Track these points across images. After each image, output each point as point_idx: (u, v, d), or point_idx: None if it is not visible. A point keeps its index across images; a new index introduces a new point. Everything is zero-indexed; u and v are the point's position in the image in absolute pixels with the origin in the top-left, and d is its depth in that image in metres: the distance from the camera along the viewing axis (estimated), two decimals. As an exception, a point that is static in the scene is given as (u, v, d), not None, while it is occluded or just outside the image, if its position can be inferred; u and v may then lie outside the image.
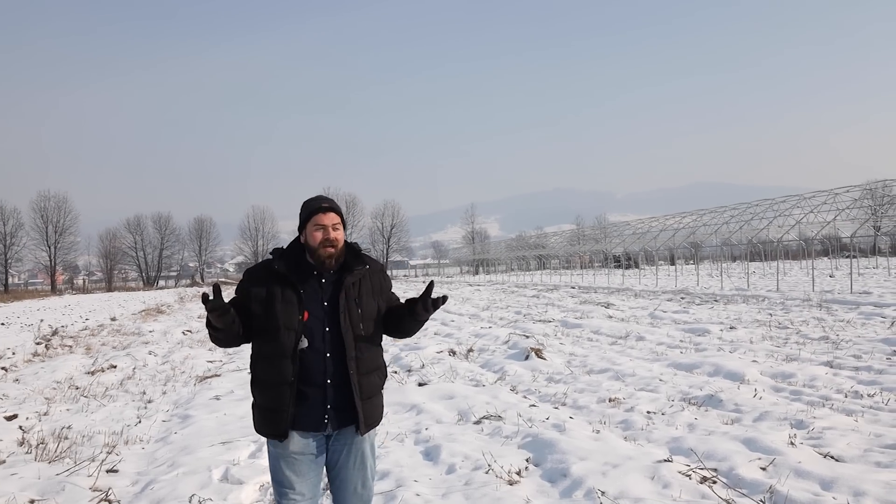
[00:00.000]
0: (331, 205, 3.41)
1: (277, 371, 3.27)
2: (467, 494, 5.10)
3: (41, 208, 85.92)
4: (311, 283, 3.37)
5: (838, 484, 4.89)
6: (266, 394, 3.33)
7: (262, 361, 3.36)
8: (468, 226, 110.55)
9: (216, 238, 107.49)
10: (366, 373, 3.37)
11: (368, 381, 3.38)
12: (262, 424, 3.37)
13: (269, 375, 3.31)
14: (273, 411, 3.29)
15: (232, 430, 7.17)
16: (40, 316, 30.55)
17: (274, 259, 3.43)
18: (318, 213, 3.37)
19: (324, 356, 3.29)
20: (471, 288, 44.44)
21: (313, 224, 3.36)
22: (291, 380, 3.24)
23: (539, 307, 23.15)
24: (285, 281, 3.34)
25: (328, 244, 3.33)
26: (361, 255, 3.49)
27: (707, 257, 69.40)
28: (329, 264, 3.35)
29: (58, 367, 12.38)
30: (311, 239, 3.37)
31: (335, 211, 3.41)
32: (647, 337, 13.60)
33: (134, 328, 21.19)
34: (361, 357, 3.35)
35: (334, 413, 3.31)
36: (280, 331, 3.26)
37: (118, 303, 43.43)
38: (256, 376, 3.41)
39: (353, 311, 3.35)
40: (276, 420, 3.28)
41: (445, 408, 7.99)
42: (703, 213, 39.36)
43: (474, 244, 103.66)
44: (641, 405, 7.74)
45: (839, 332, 13.08)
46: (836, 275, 36.08)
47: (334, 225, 3.37)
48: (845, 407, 7.24)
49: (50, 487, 5.50)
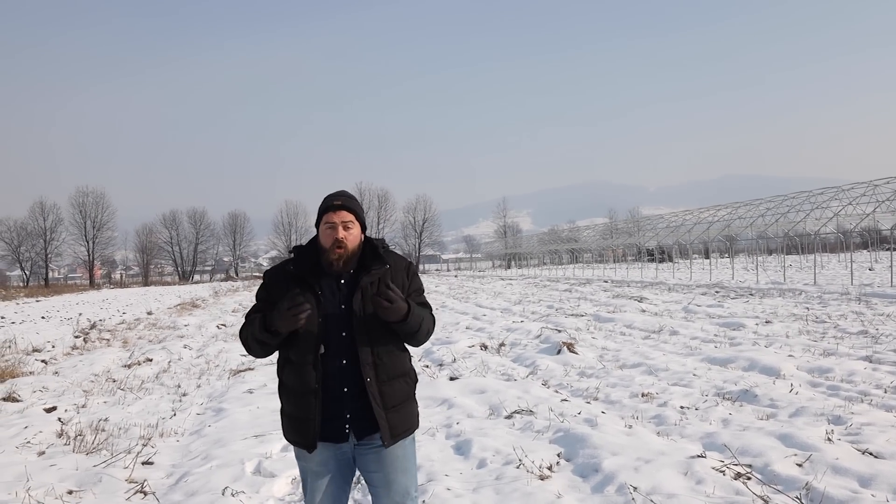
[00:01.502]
0: (343, 202, 3.18)
1: (301, 378, 3.11)
2: (498, 489, 5.09)
3: (80, 204, 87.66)
4: (329, 285, 3.17)
5: (877, 481, 4.79)
6: (292, 401, 3.18)
7: (287, 367, 3.20)
8: (500, 220, 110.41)
9: (250, 233, 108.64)
10: (388, 380, 3.15)
11: (392, 389, 3.16)
12: (291, 432, 3.24)
13: (293, 382, 3.15)
14: (300, 420, 3.14)
15: (265, 424, 7.24)
16: (79, 310, 31.14)
17: (292, 259, 3.27)
18: (329, 210, 3.16)
19: (340, 362, 3.11)
20: (503, 282, 44.37)
21: (324, 223, 3.17)
22: (315, 387, 3.08)
23: (571, 301, 23.03)
24: (303, 282, 3.15)
25: (337, 245, 3.12)
26: (381, 255, 3.22)
27: (742, 251, 68.49)
28: (338, 265, 3.14)
29: (95, 361, 12.61)
30: (322, 239, 3.18)
31: (347, 208, 3.17)
32: (680, 331, 13.45)
33: (169, 322, 21.50)
34: (381, 363, 3.14)
35: (354, 423, 3.13)
36: (300, 335, 3.09)
37: (154, 297, 44.12)
38: (283, 382, 3.25)
39: (369, 314, 3.12)
40: (304, 430, 3.13)
41: (476, 402, 7.98)
42: (738, 205, 38.84)
43: (506, 238, 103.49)
44: (675, 400, 7.66)
45: (878, 326, 12.82)
46: (876, 268, 35.37)
47: (345, 223, 3.14)
48: (885, 402, 7.08)
49: (87, 479, 5.61)
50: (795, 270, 37.31)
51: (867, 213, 30.10)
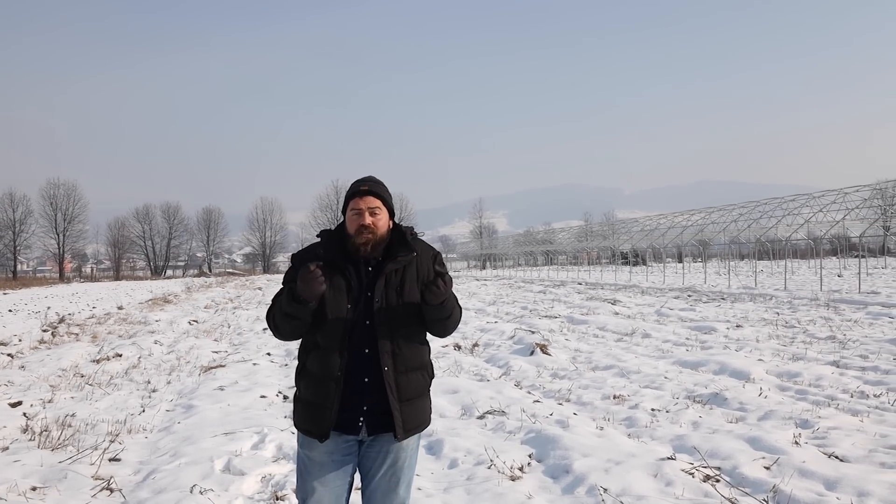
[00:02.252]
0: (370, 187, 3.12)
1: (326, 363, 3.03)
2: (469, 489, 5.09)
3: (50, 196, 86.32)
4: (357, 271, 3.12)
5: (842, 484, 4.86)
6: (312, 387, 3.08)
7: (312, 352, 3.10)
8: (476, 220, 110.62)
9: (224, 229, 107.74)
10: (405, 371, 3.08)
11: (408, 381, 3.09)
12: (304, 420, 3.11)
13: (317, 368, 3.06)
14: (317, 407, 3.04)
15: (235, 421, 7.17)
16: (48, 303, 30.68)
17: (321, 242, 3.20)
18: (356, 196, 3.11)
19: (363, 351, 3.04)
20: (477, 283, 44.43)
21: (351, 209, 3.11)
22: (338, 374, 3.01)
23: (545, 303, 23.12)
24: (334, 266, 3.08)
25: (365, 230, 3.06)
26: (408, 241, 3.16)
27: (715, 255, 69.21)
28: (365, 251, 3.07)
29: (63, 355, 12.42)
30: (349, 225, 3.12)
31: (374, 194, 3.11)
32: (653, 334, 13.56)
33: (140, 317, 21.25)
34: (399, 353, 3.07)
35: (370, 416, 3.05)
36: (328, 320, 3.03)
37: (125, 292, 43.59)
38: (305, 367, 3.14)
39: (391, 302, 3.07)
40: (320, 417, 3.03)
41: (449, 402, 7.97)
42: (711, 210, 39.23)
43: (482, 239, 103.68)
44: (646, 402, 7.71)
45: (846, 331, 13.02)
46: (845, 274, 35.90)
47: (372, 209, 3.08)
48: (851, 407, 7.19)
49: (52, 475, 5.52)
50: (767, 276, 37.76)
51: (837, 220, 30.56)
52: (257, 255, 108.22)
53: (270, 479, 5.47)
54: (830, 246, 58.88)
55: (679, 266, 57.20)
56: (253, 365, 10.98)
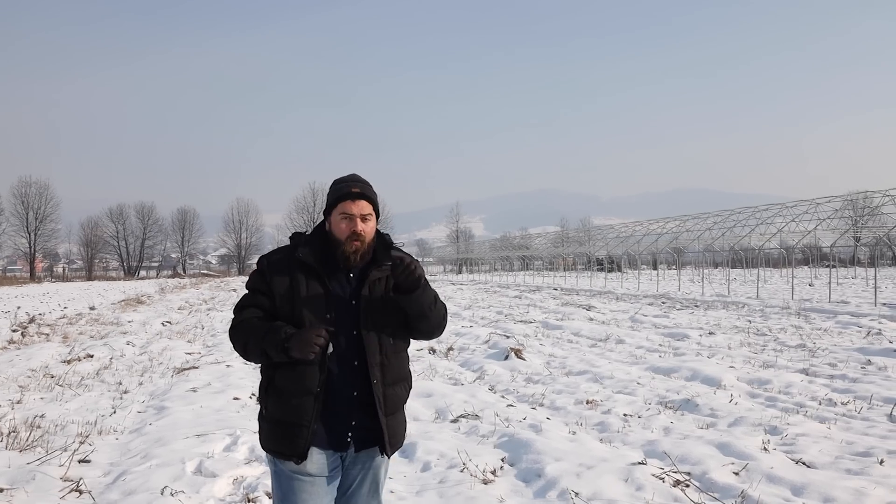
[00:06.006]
0: (362, 190, 2.89)
1: (301, 379, 2.77)
2: (441, 493, 5.10)
3: (22, 194, 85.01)
4: (338, 278, 2.90)
5: (809, 490, 4.94)
6: (285, 405, 2.81)
7: (283, 367, 2.80)
8: (453, 225, 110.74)
9: (199, 230, 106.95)
10: (391, 383, 2.91)
11: (393, 394, 2.93)
12: (274, 441, 2.85)
13: (290, 383, 2.79)
14: (291, 426, 2.79)
15: (207, 423, 7.12)
16: (17, 303, 30.23)
17: (296, 245, 2.94)
18: (346, 199, 2.86)
19: (351, 363, 2.84)
20: (453, 287, 44.45)
21: (339, 213, 2.87)
22: (317, 390, 2.77)
23: (521, 308, 23.20)
24: (310, 271, 2.86)
25: (355, 238, 2.84)
26: (392, 248, 2.98)
27: (689, 263, 69.82)
28: (354, 260, 2.87)
29: (33, 355, 12.26)
30: (336, 230, 2.88)
31: (366, 198, 2.88)
32: (626, 340, 13.66)
33: (113, 318, 21.02)
34: (388, 364, 2.90)
35: (358, 431, 2.87)
36: None
37: (98, 292, 43.06)
38: (273, 384, 2.85)
39: (378, 311, 2.89)
40: (295, 437, 2.78)
41: (423, 405, 7.98)
42: (686, 218, 39.59)
43: (458, 243, 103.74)
44: (618, 408, 7.78)
45: (816, 340, 13.21)
46: (816, 284, 36.44)
47: (364, 216, 2.86)
48: (819, 414, 7.30)
49: (20, 476, 5.45)
50: (739, 284, 38.19)
51: (809, 230, 30.99)
52: (232, 256, 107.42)
53: (242, 481, 5.45)
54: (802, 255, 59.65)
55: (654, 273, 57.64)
56: (226, 367, 10.91)
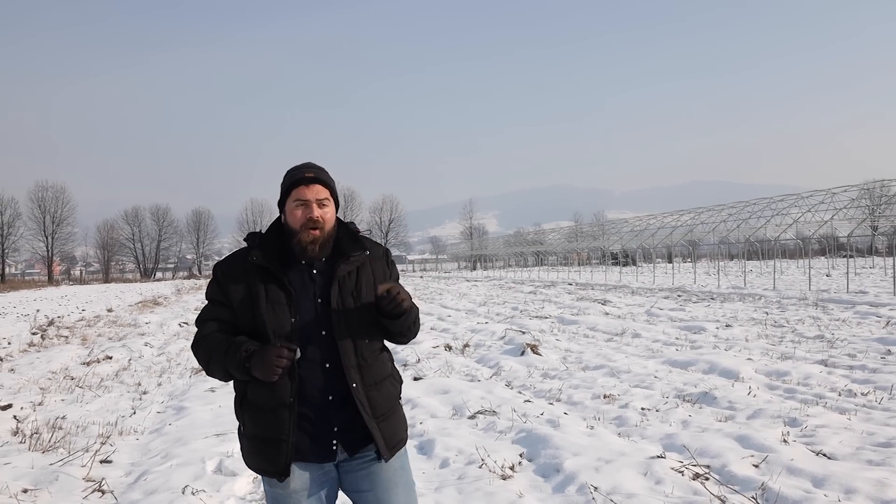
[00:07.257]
0: (316, 174, 2.68)
1: (271, 391, 2.59)
2: (460, 489, 5.11)
3: (39, 198, 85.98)
4: (300, 276, 2.69)
5: (830, 481, 4.90)
6: (258, 420, 2.65)
7: (253, 380, 2.61)
8: (466, 221, 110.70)
9: (214, 231, 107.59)
10: (374, 384, 2.71)
11: (380, 394, 2.72)
12: (256, 458, 2.71)
13: (261, 397, 2.63)
14: (268, 442, 2.63)
15: (226, 422, 7.16)
16: (37, 306, 30.52)
17: (250, 247, 2.72)
18: (300, 185, 2.65)
19: (322, 367, 2.63)
20: (468, 283, 44.47)
21: (293, 200, 2.67)
22: (290, 401, 2.59)
23: (536, 303, 23.17)
24: (267, 274, 2.65)
25: (311, 225, 2.63)
26: (360, 239, 2.78)
27: (704, 255, 69.49)
28: (312, 251, 2.66)
29: (53, 358, 12.39)
30: (290, 218, 2.68)
31: (322, 182, 2.68)
32: (642, 334, 13.61)
33: (130, 319, 21.18)
34: (365, 365, 2.69)
35: (343, 436, 2.66)
36: (269, 339, 2.60)
37: (115, 294, 43.41)
38: (246, 399, 2.69)
39: (349, 308, 2.67)
40: (274, 454, 2.62)
41: (440, 402, 8.00)
42: (700, 211, 39.39)
43: (472, 240, 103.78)
44: (636, 402, 7.75)
45: (834, 330, 13.11)
46: (833, 274, 36.12)
47: (320, 200, 2.67)
48: (839, 405, 7.25)
49: (43, 477, 5.52)
50: (756, 275, 37.93)
51: (825, 220, 30.76)
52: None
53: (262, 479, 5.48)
54: (819, 246, 59.21)
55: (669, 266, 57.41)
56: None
